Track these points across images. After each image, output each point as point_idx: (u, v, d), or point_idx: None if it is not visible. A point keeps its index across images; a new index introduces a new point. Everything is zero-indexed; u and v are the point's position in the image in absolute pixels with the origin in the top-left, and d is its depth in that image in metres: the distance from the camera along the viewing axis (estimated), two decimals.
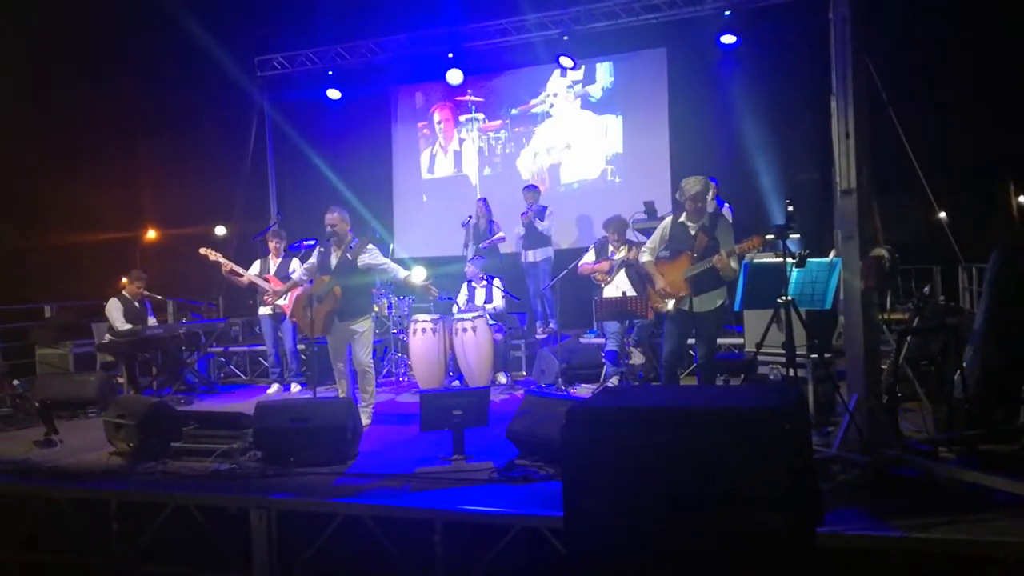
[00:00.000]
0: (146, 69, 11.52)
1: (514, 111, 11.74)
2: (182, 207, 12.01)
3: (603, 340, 7.88)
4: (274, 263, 8.42)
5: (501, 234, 9.71)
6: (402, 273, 6.46)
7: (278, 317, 8.35)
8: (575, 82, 11.27)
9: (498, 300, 8.64)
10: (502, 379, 8.37)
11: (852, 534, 3.47)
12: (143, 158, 12.52)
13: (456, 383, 8.21)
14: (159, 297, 8.86)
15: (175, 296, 9.48)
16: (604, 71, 10.98)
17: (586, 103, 11.18)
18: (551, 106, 11.51)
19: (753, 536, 2.79)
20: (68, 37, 11.15)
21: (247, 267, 8.39)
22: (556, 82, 11.36)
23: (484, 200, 10.02)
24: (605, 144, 11.01)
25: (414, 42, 10.75)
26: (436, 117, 11.95)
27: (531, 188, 9.67)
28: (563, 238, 10.26)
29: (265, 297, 8.21)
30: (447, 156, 11.90)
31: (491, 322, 8.24)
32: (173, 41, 11.19)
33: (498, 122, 11.89)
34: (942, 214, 7.47)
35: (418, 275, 6.55)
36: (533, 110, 11.57)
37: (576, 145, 11.22)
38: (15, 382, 8.00)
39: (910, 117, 6.98)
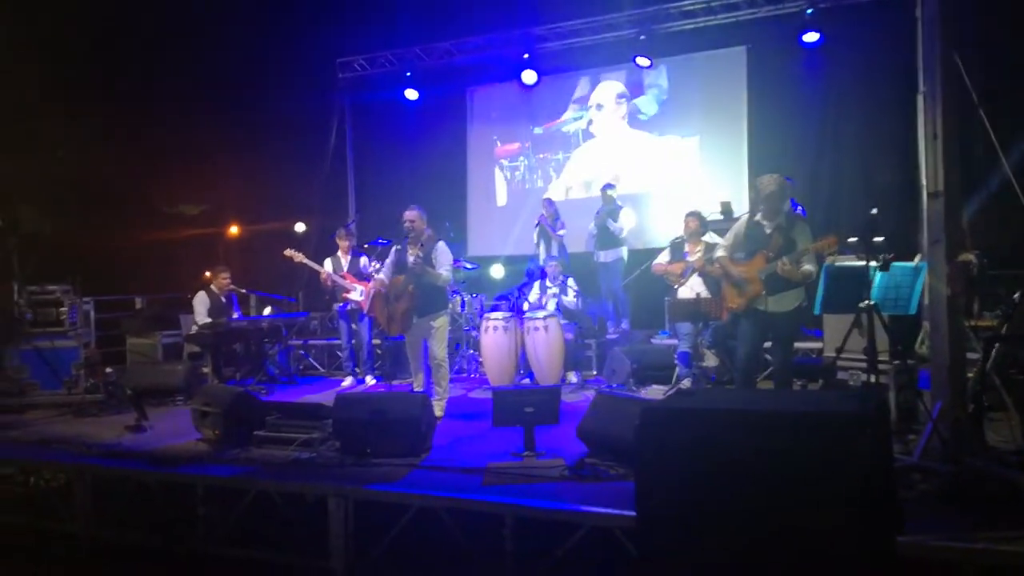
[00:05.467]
0: (232, 72, 11.91)
1: (537, 130, 11.50)
2: (264, 204, 12.37)
3: (676, 341, 7.81)
4: (345, 260, 8.67)
5: (562, 232, 9.75)
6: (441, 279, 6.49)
7: (355, 313, 8.57)
8: (620, 95, 10.94)
9: (571, 296, 8.67)
10: (572, 378, 8.38)
11: (933, 544, 3.38)
12: (227, 157, 12.93)
13: (526, 381, 8.27)
14: (243, 291, 9.19)
15: (257, 290, 9.80)
16: (658, 77, 10.68)
17: (638, 120, 10.93)
18: (590, 122, 11.19)
19: (831, 543, 2.75)
20: (155, 40, 11.60)
21: (321, 262, 8.66)
22: (601, 92, 11.09)
23: (550, 200, 10.08)
24: (675, 176, 10.62)
25: (490, 43, 10.84)
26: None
27: (608, 187, 9.65)
28: (635, 238, 10.19)
29: (345, 295, 8.50)
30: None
31: (563, 321, 8.27)
32: (259, 45, 11.55)
33: (516, 144, 11.74)
34: None
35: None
36: (565, 128, 11.35)
37: (631, 174, 10.87)
38: (108, 370, 8.40)
39: (1003, 115, 6.71)
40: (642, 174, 10.85)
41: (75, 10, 10.68)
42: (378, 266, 7.91)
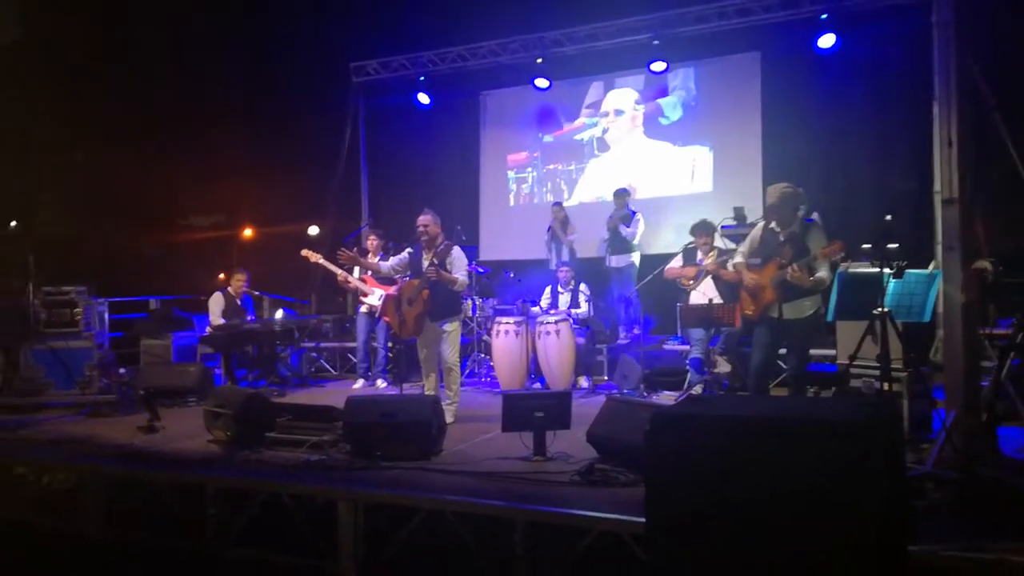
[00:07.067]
0: (247, 75, 12.00)
1: (548, 139, 11.36)
2: (278, 207, 12.45)
3: (687, 347, 7.79)
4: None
5: (572, 236, 9.72)
6: (457, 283, 6.53)
7: (374, 316, 8.58)
8: (637, 102, 10.80)
9: (583, 305, 8.67)
10: (583, 383, 8.37)
11: (946, 554, 3.35)
12: (242, 160, 13.03)
13: (537, 385, 8.26)
14: (256, 293, 9.23)
15: (270, 292, 9.85)
16: (684, 79, 10.61)
17: (655, 128, 10.80)
18: (604, 130, 11.09)
19: (843, 552, 2.73)
20: (170, 42, 11.70)
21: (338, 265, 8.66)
22: (616, 97, 11.00)
23: (559, 203, 10.07)
24: (690, 184, 10.54)
25: (504, 48, 10.85)
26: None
27: (622, 192, 9.63)
28: (649, 244, 10.16)
29: (362, 298, 8.48)
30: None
31: (574, 326, 8.27)
32: (274, 48, 11.64)
33: (524, 154, 11.64)
34: None
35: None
36: (577, 136, 11.25)
37: (647, 183, 10.76)
38: (121, 370, 8.46)
39: (1017, 121, 6.68)
40: (656, 181, 10.80)
41: (98, 16, 10.81)
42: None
